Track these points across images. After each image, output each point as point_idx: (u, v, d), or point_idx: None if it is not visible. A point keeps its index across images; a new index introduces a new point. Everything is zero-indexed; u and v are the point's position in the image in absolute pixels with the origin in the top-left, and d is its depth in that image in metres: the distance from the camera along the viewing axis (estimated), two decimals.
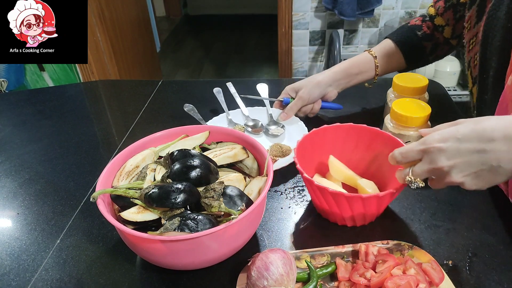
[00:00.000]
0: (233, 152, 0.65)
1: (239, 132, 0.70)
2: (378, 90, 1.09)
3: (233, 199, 0.56)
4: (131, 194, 0.57)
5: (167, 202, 0.53)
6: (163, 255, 0.54)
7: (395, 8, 2.06)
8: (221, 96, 1.01)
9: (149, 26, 2.90)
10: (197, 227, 0.51)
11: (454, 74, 2.02)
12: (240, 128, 0.92)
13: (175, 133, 0.71)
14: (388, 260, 0.54)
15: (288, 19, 2.13)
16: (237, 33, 4.08)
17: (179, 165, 0.59)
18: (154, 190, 0.54)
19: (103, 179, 0.59)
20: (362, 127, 0.71)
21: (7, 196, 0.77)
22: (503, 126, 0.43)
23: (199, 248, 0.53)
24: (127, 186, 0.59)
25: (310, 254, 0.58)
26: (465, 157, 0.44)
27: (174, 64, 3.48)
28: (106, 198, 0.58)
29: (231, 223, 0.51)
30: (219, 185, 0.56)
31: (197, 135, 0.71)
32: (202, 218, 0.53)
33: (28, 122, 1.04)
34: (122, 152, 0.65)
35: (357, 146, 0.72)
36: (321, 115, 1.00)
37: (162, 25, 4.18)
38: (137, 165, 0.65)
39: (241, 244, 0.58)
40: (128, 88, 1.24)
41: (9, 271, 0.61)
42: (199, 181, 0.58)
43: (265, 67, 3.37)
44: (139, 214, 0.55)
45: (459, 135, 0.45)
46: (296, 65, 2.31)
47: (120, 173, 0.63)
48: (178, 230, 0.51)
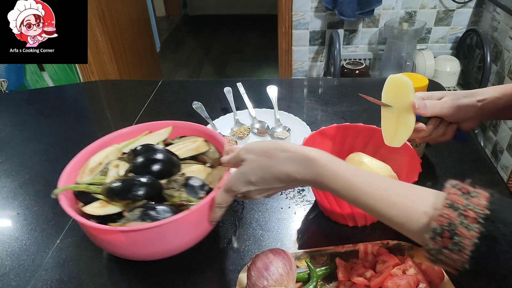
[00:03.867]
0: (195, 145, 0.67)
1: (201, 126, 0.72)
2: (378, 90, 1.09)
3: (195, 189, 0.57)
4: (93, 189, 0.58)
5: (129, 195, 0.55)
6: (127, 246, 0.55)
7: (395, 8, 2.06)
8: (230, 95, 1.01)
9: (149, 26, 2.90)
10: (159, 216, 0.53)
11: (454, 74, 2.02)
12: (245, 129, 0.93)
13: (138, 129, 0.72)
14: (388, 260, 0.55)
15: (288, 19, 2.13)
16: (237, 33, 4.08)
17: (141, 159, 0.60)
18: (116, 184, 0.56)
19: (65, 176, 0.60)
20: (361, 126, 0.71)
21: (7, 196, 0.77)
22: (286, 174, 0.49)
23: (163, 237, 0.54)
24: (89, 181, 0.60)
25: (310, 254, 0.58)
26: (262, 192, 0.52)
27: (174, 64, 3.48)
28: (69, 195, 0.59)
29: (191, 209, 0.52)
30: (181, 177, 0.58)
31: (161, 131, 0.72)
32: (163, 208, 0.54)
33: (28, 122, 1.04)
34: (85, 149, 0.66)
35: (356, 145, 0.73)
36: (322, 115, 1.00)
37: (162, 25, 4.18)
38: (100, 161, 0.66)
39: (204, 232, 0.60)
40: (128, 88, 1.24)
41: (9, 271, 0.61)
42: (161, 174, 0.59)
43: (265, 67, 3.36)
44: (101, 208, 0.56)
45: (253, 183, 0.51)
46: (296, 65, 2.31)
47: (83, 170, 0.64)
48: (140, 220, 0.52)
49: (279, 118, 0.95)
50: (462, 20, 2.07)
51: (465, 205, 0.38)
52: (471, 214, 0.37)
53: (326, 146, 0.73)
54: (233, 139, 0.90)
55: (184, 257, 0.63)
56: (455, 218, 0.37)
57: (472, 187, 0.40)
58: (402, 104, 0.63)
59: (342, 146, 0.74)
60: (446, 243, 0.37)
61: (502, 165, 1.78)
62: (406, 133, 0.62)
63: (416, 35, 1.93)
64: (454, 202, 0.38)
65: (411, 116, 0.62)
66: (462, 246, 0.36)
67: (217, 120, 0.95)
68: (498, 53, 1.86)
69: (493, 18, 1.91)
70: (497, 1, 1.81)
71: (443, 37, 2.14)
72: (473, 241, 0.36)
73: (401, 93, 0.63)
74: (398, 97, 0.63)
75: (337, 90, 1.15)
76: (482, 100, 0.65)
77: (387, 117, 0.66)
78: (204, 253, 0.63)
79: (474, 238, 0.36)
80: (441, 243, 0.38)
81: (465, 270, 0.37)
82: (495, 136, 1.85)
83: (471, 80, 2.06)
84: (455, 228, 0.37)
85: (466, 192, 0.39)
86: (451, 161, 0.81)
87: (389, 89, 0.65)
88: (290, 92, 1.16)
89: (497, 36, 1.88)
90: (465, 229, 0.36)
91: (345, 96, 1.08)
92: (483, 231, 0.36)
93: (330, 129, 0.72)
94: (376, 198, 0.44)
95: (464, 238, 0.36)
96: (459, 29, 2.11)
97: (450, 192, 0.40)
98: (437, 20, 2.09)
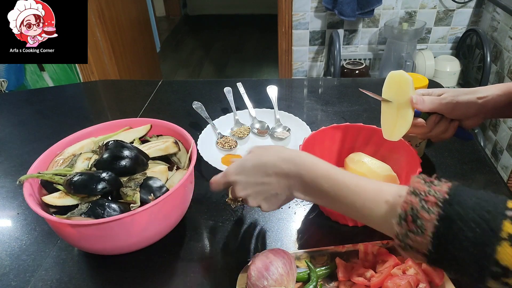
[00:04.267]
0: (165, 145, 0.68)
1: (176, 126, 0.72)
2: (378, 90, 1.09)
3: (152, 190, 0.58)
4: (56, 179, 0.59)
5: (85, 189, 0.56)
6: (76, 239, 0.57)
7: (395, 8, 2.06)
8: (230, 95, 1.01)
9: (149, 26, 2.89)
10: (103, 214, 0.54)
11: (454, 74, 2.02)
12: (245, 129, 0.92)
13: (119, 124, 0.73)
14: (388, 260, 0.55)
15: (288, 19, 2.13)
16: (237, 33, 4.08)
17: (107, 155, 0.61)
18: (77, 177, 0.56)
19: (37, 164, 0.61)
20: (361, 126, 0.71)
21: (7, 196, 0.77)
22: (273, 164, 0.52)
23: (108, 234, 0.55)
24: (54, 172, 0.61)
25: (310, 254, 0.58)
26: (254, 188, 0.53)
27: (174, 64, 3.48)
28: (36, 184, 0.60)
29: (135, 211, 0.53)
30: (141, 176, 0.59)
31: (139, 128, 0.73)
32: (114, 206, 0.55)
33: (28, 122, 1.04)
34: (62, 141, 0.68)
35: (356, 145, 0.73)
36: (322, 115, 1.00)
37: (162, 25, 4.18)
38: (74, 153, 0.67)
39: (155, 233, 0.60)
40: (128, 88, 1.24)
41: (9, 271, 0.61)
42: (124, 171, 0.60)
43: (265, 67, 3.36)
44: (59, 199, 0.57)
45: (246, 170, 0.54)
46: (296, 65, 2.31)
47: (56, 160, 0.65)
48: (85, 216, 0.53)
49: (279, 118, 0.95)
50: (462, 20, 2.07)
51: (426, 191, 0.41)
52: (431, 199, 0.40)
53: (326, 146, 0.73)
54: (233, 139, 0.89)
55: (184, 257, 0.63)
56: (416, 203, 0.40)
57: (438, 179, 0.43)
58: (401, 100, 0.64)
59: (342, 146, 0.74)
60: (410, 227, 0.40)
61: (502, 165, 1.78)
62: (404, 127, 0.63)
63: (416, 35, 1.93)
64: (416, 189, 0.42)
65: (409, 110, 0.63)
66: (424, 228, 0.39)
67: (217, 120, 0.95)
68: (498, 53, 1.86)
69: (493, 18, 1.91)
70: (497, 1, 1.81)
71: (443, 37, 2.14)
72: (433, 223, 0.39)
73: (401, 89, 0.63)
74: (398, 92, 0.64)
75: (337, 90, 1.15)
76: (483, 98, 0.65)
77: (387, 112, 0.66)
78: (204, 253, 0.63)
79: (434, 220, 0.39)
80: (406, 227, 0.41)
81: (430, 253, 0.40)
82: (495, 136, 1.85)
83: (471, 80, 2.06)
84: (417, 212, 0.40)
85: (429, 181, 0.42)
86: (451, 161, 0.81)
87: (390, 84, 0.65)
88: (290, 92, 1.16)
89: (497, 36, 1.88)
90: (426, 213, 0.39)
91: (345, 96, 1.08)
92: (441, 213, 0.39)
93: (330, 129, 0.72)
94: (349, 188, 0.48)
95: (426, 221, 0.39)
96: (459, 29, 2.11)
97: (413, 181, 0.43)
98: (437, 20, 2.09)
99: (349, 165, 0.68)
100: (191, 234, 0.67)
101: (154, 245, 0.62)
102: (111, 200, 0.58)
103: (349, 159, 0.69)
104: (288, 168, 0.51)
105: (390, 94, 0.66)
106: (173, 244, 0.65)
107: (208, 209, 0.72)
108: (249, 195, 0.54)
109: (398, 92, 0.64)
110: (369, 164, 0.66)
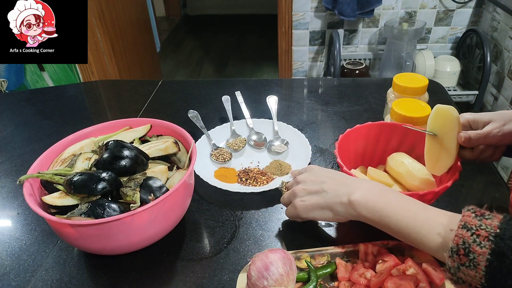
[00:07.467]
0: (165, 146, 0.68)
1: (178, 127, 0.72)
2: (378, 90, 1.09)
3: (152, 190, 0.58)
4: (56, 179, 0.59)
5: (85, 189, 0.56)
6: (76, 239, 0.56)
7: (395, 8, 2.06)
8: (228, 105, 0.97)
9: (149, 26, 2.90)
10: (103, 214, 0.54)
11: (454, 74, 2.02)
12: (241, 141, 0.88)
13: (119, 125, 0.73)
14: (388, 260, 0.54)
15: (288, 19, 2.13)
16: (237, 33, 4.08)
17: (107, 155, 0.61)
18: (77, 177, 0.56)
19: (37, 164, 0.61)
20: (396, 125, 0.71)
21: (7, 196, 0.77)
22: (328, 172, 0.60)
23: (108, 234, 0.55)
24: (54, 172, 0.61)
25: (310, 254, 0.58)
26: (311, 184, 0.60)
27: (174, 64, 3.48)
28: (36, 184, 0.60)
29: (135, 211, 0.53)
30: (141, 176, 0.59)
31: (139, 128, 0.73)
32: (114, 206, 0.55)
33: (28, 122, 1.04)
34: (62, 141, 0.67)
35: (390, 144, 0.73)
36: (322, 115, 1.00)
37: (162, 25, 4.18)
38: (74, 153, 0.66)
39: (155, 233, 0.60)
40: (128, 88, 1.24)
41: (9, 271, 0.61)
42: (124, 171, 0.60)
43: (265, 67, 3.36)
44: (59, 199, 0.57)
45: (314, 170, 0.62)
46: (296, 65, 2.31)
47: (57, 160, 0.65)
48: (84, 216, 0.53)
49: (278, 131, 0.90)
50: (462, 20, 2.08)
51: (477, 225, 0.42)
52: (482, 233, 0.41)
53: (360, 143, 0.72)
54: (228, 151, 0.86)
55: (184, 257, 0.63)
56: (468, 237, 0.41)
57: (489, 211, 0.44)
58: (447, 135, 0.62)
59: (376, 145, 0.73)
60: (462, 260, 0.41)
61: (502, 165, 1.78)
62: (448, 162, 0.63)
63: (416, 35, 1.93)
64: (468, 223, 0.43)
65: (454, 145, 0.62)
66: (476, 262, 0.40)
67: (213, 130, 0.90)
68: (498, 53, 1.86)
69: (493, 18, 1.91)
70: (497, 1, 1.81)
71: (443, 37, 2.14)
72: (486, 257, 0.39)
73: (447, 125, 0.62)
74: (443, 127, 0.63)
75: (337, 90, 1.15)
76: None
77: (431, 145, 0.65)
78: (204, 253, 0.63)
79: (487, 255, 0.39)
80: (458, 260, 0.42)
81: (483, 287, 0.40)
82: None
83: (471, 80, 2.06)
84: (469, 246, 0.41)
85: (480, 214, 0.43)
86: None
87: (436, 118, 0.64)
88: (290, 92, 1.16)
89: (497, 36, 1.88)
90: (478, 247, 0.40)
91: (345, 96, 1.08)
92: (493, 247, 0.39)
93: (364, 127, 0.71)
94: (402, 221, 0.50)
95: (478, 255, 0.40)
96: (459, 29, 2.11)
97: (464, 215, 0.44)
98: (437, 20, 2.09)
99: (389, 164, 0.68)
100: (191, 234, 0.67)
101: (154, 245, 0.62)
102: (111, 200, 0.58)
103: (391, 158, 0.69)
104: (344, 182, 0.57)
105: (435, 128, 0.64)
106: (173, 244, 0.65)
107: (208, 209, 0.72)
108: (304, 181, 0.59)
109: (443, 126, 0.63)
110: (409, 166, 0.66)
